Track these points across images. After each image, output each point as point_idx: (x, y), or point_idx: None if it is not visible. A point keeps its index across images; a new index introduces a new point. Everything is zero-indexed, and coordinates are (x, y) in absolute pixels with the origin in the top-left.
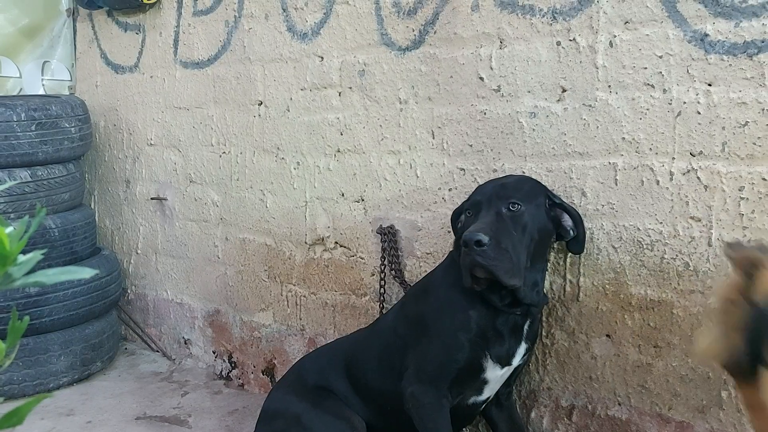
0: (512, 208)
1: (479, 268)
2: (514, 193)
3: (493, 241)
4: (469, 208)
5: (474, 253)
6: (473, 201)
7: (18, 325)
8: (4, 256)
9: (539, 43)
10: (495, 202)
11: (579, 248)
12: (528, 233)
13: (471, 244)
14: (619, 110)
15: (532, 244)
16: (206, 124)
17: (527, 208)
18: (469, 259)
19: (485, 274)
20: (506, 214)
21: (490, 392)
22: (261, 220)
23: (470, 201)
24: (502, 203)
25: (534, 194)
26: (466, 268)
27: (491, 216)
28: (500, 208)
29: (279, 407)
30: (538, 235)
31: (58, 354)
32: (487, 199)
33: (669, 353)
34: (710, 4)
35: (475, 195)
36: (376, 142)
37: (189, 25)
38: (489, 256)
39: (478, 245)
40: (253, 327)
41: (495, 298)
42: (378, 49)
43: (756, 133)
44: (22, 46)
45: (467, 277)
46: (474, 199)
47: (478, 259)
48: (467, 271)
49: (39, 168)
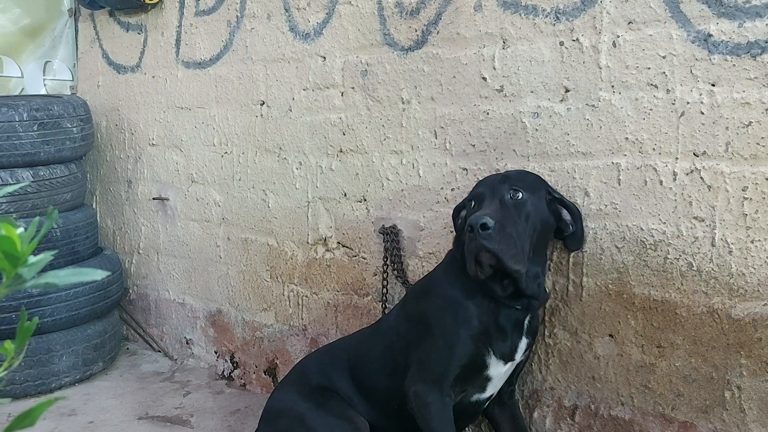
0: (515, 197)
1: (484, 252)
2: (517, 182)
3: (498, 225)
4: (471, 199)
5: (480, 237)
6: (476, 193)
7: (27, 326)
8: (15, 257)
9: (542, 44)
10: (498, 191)
11: (577, 245)
12: (531, 222)
13: (476, 228)
14: (622, 110)
15: (534, 234)
16: (208, 124)
17: (530, 197)
18: (474, 244)
19: (490, 259)
20: (509, 202)
21: (493, 390)
22: (263, 220)
23: (472, 194)
24: (505, 192)
25: (536, 186)
26: (471, 253)
27: (495, 203)
28: (504, 197)
29: (282, 407)
30: (540, 225)
31: (60, 354)
32: (490, 189)
33: (672, 353)
34: (714, 5)
35: (477, 188)
36: (378, 142)
37: (191, 25)
38: (494, 240)
39: (483, 228)
40: (255, 327)
41: (497, 288)
42: (380, 49)
43: (759, 133)
44: (24, 46)
45: (471, 263)
46: (476, 191)
47: (484, 242)
48: (472, 257)
49: (41, 168)
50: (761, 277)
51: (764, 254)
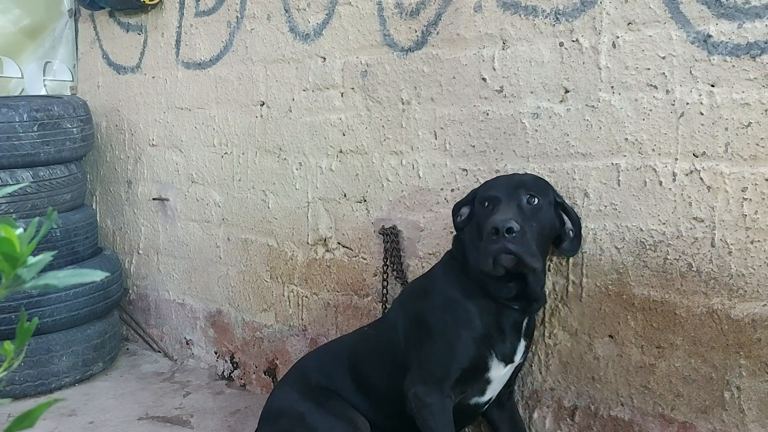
0: (532, 202)
1: (506, 254)
2: (533, 188)
3: (521, 229)
4: (484, 201)
5: (504, 239)
6: (489, 195)
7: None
8: (14, 258)
9: (542, 44)
10: (514, 195)
11: (574, 250)
12: (543, 226)
13: (502, 231)
14: (621, 111)
15: (543, 239)
16: (208, 125)
17: (543, 203)
18: (497, 246)
19: (510, 262)
20: (527, 207)
21: (492, 393)
22: (263, 221)
23: (485, 195)
24: (522, 196)
25: (547, 191)
26: (490, 254)
27: (514, 208)
28: (521, 201)
29: (282, 406)
30: (549, 230)
31: (60, 354)
32: (506, 192)
33: (672, 354)
34: (713, 5)
35: (489, 190)
36: (378, 143)
37: (191, 25)
38: (518, 242)
39: (509, 232)
40: (255, 327)
41: (503, 290)
42: (380, 50)
43: (759, 134)
44: (24, 47)
45: (489, 262)
46: (490, 194)
47: (509, 246)
48: (490, 258)
49: (41, 168)
50: (761, 277)
51: (764, 255)
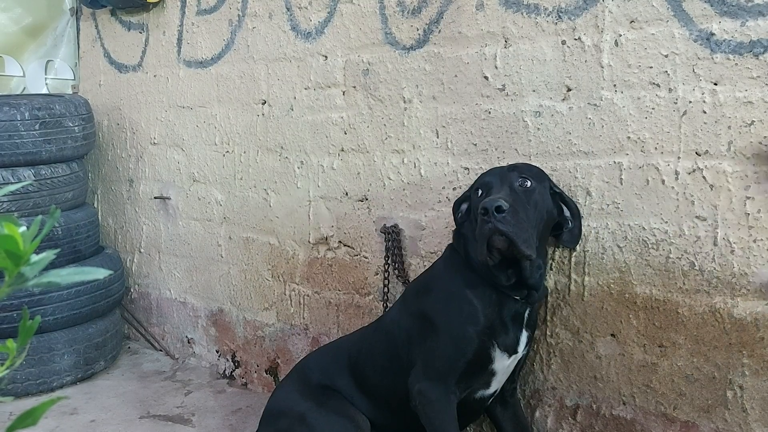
0: (524, 185)
1: (498, 235)
2: (525, 171)
3: (511, 208)
4: (478, 188)
5: (494, 219)
6: (483, 182)
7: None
8: (17, 255)
9: (544, 43)
10: (507, 178)
11: (574, 241)
12: (538, 210)
13: (491, 210)
14: (624, 109)
15: (541, 223)
16: (210, 123)
17: (537, 186)
18: (488, 227)
19: (503, 243)
20: (519, 189)
21: (497, 385)
22: (264, 219)
23: (479, 183)
24: (514, 180)
25: (541, 177)
26: (483, 237)
27: (506, 190)
28: (513, 184)
29: (283, 406)
30: (546, 215)
31: (61, 353)
32: (499, 177)
33: (674, 353)
34: (716, 3)
35: (483, 178)
36: (380, 141)
37: (192, 24)
38: (509, 223)
39: (498, 211)
40: (256, 326)
41: (501, 276)
42: (382, 49)
43: (762, 132)
44: (26, 45)
45: (483, 247)
46: (483, 180)
47: (499, 225)
48: (484, 241)
49: (43, 167)
50: (763, 276)
51: (766, 254)
